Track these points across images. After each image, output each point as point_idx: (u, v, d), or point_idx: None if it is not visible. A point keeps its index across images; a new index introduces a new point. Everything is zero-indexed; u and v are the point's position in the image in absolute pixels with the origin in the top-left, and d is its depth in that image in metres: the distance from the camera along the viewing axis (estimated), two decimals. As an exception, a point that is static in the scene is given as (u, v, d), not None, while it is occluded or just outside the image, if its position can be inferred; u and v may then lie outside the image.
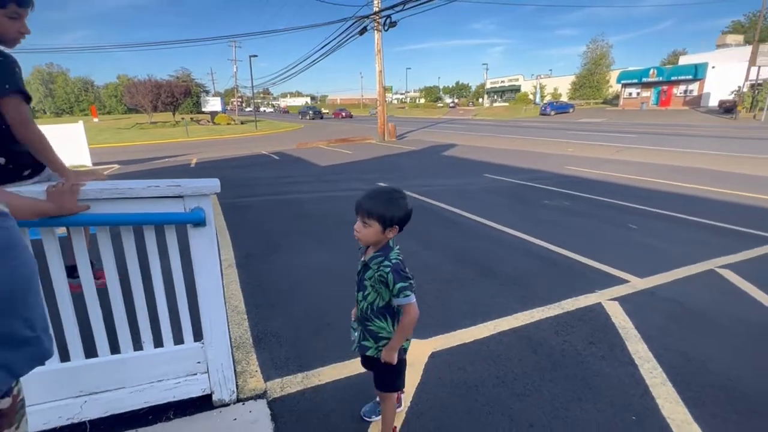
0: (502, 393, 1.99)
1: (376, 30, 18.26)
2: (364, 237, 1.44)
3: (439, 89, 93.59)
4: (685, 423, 1.79)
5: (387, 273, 1.40)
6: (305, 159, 12.77)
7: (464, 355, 2.29)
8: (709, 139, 16.03)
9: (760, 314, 2.78)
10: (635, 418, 1.83)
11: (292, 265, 3.78)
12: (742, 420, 1.83)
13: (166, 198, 1.50)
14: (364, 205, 1.41)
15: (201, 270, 1.64)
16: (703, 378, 2.11)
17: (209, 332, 1.72)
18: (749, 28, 48.65)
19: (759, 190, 6.75)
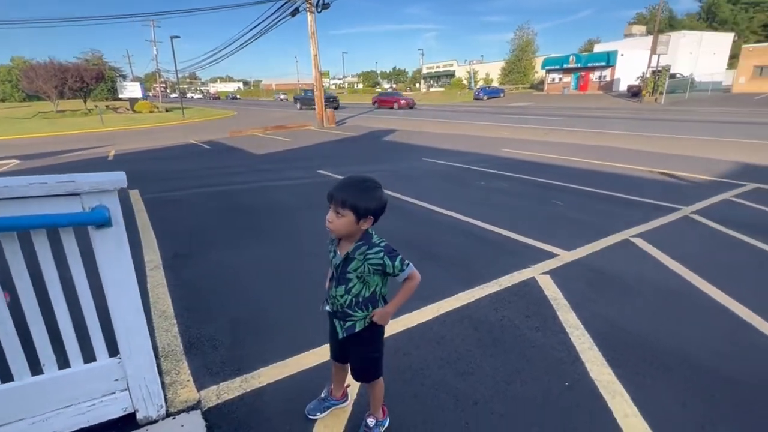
0: (447, 374, 2.02)
1: (309, 11, 17.60)
2: (337, 228, 1.37)
3: (377, 74, 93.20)
4: (611, 383, 1.94)
5: (382, 257, 1.38)
6: (239, 148, 12.08)
7: (409, 340, 2.30)
8: (620, 121, 17.66)
9: (668, 278, 3.11)
10: (568, 384, 1.95)
11: (227, 262, 3.54)
12: (659, 375, 2.02)
13: (58, 197, 1.28)
14: (338, 194, 1.34)
15: (109, 276, 1.44)
16: (624, 340, 2.31)
17: (126, 345, 1.53)
18: (650, 19, 53.94)
19: (662, 166, 7.55)
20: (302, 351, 2.21)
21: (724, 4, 55.87)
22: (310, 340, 2.29)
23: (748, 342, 2.30)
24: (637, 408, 1.78)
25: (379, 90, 73.32)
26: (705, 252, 3.63)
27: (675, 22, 56.92)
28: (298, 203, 5.51)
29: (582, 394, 1.88)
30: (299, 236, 4.19)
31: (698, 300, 2.77)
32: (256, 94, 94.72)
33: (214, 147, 12.66)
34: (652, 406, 1.80)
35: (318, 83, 19.37)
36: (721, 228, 4.22)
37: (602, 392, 1.88)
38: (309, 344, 2.26)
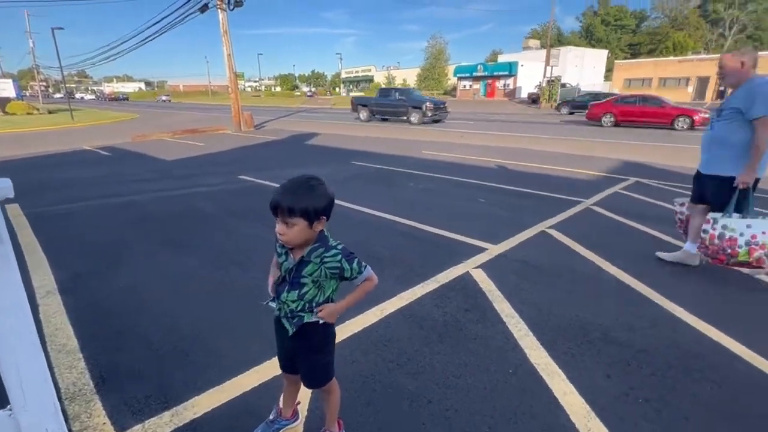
0: (398, 376, 1.99)
1: (220, 8, 16.58)
2: (291, 239, 1.28)
3: (295, 77, 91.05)
4: (548, 365, 2.08)
5: (340, 260, 1.31)
6: (146, 154, 10.90)
7: (356, 346, 2.23)
8: (524, 125, 19.45)
9: (581, 263, 3.45)
10: (512, 370, 2.04)
11: (141, 280, 3.13)
12: (586, 352, 2.21)
13: None
14: (283, 202, 1.23)
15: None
16: (553, 323, 2.49)
17: (19, 392, 1.24)
18: (543, 35, 60.49)
19: (564, 164, 8.45)
20: (241, 371, 2.02)
21: (599, 25, 64.78)
22: (250, 357, 2.11)
23: (650, 314, 2.63)
24: (573, 385, 1.93)
25: (298, 93, 71.74)
26: (607, 238, 4.10)
27: (563, 38, 64.50)
28: (220, 211, 5.11)
29: (524, 378, 1.99)
30: (223, 246, 3.87)
31: (606, 281, 3.12)
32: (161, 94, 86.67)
33: (114, 153, 11.27)
34: (584, 381, 1.96)
35: (233, 84, 18.33)
36: (615, 216, 4.82)
37: (542, 374, 2.01)
38: (249, 362, 2.07)
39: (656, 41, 60.75)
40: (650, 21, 65.63)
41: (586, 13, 68.28)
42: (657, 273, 3.26)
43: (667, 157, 9.56)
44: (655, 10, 64.63)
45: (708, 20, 59.76)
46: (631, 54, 61.71)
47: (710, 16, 59.31)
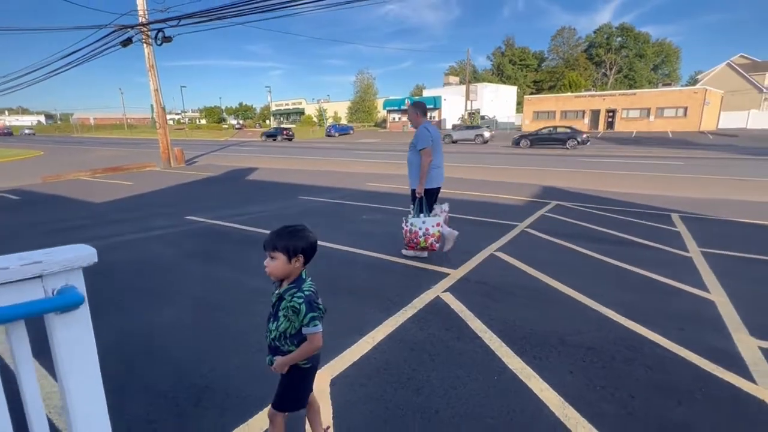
0: (404, 394, 2.24)
1: (146, 43, 16.02)
2: (274, 270, 1.54)
3: (221, 110, 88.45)
4: (524, 368, 2.48)
5: (300, 303, 1.51)
6: (66, 196, 9.98)
7: (360, 372, 2.44)
8: (450, 155, 21.01)
9: (531, 280, 4.00)
10: (496, 377, 2.40)
11: (127, 332, 3.03)
12: (550, 355, 2.65)
13: (20, 282, 1.08)
14: (270, 240, 1.53)
15: (71, 368, 1.24)
16: (519, 333, 2.92)
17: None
18: (460, 72, 66.21)
19: (493, 191, 9.40)
20: (260, 408, 2.12)
21: (507, 64, 72.75)
22: (264, 392, 2.21)
23: (593, 318, 3.19)
24: (546, 383, 2.33)
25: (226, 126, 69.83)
26: (545, 257, 4.76)
27: (477, 75, 71.07)
28: (179, 256, 4.98)
29: (508, 382, 2.35)
30: (197, 292, 3.83)
31: (552, 293, 3.67)
32: (66, 129, 78.68)
33: (25, 197, 10.15)
34: (554, 379, 2.38)
35: (161, 119, 17.55)
36: (547, 237, 5.57)
37: (520, 377, 2.39)
38: (254, 407, 2.18)
39: (555, 79, 69.61)
40: (548, 61, 75.27)
41: (495, 53, 76.39)
42: (591, 284, 3.90)
43: (573, 182, 11.06)
44: (551, 52, 74.41)
45: (593, 62, 70.11)
46: (536, 90, 69.88)
47: (595, 59, 69.67)
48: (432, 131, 4.53)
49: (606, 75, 69.84)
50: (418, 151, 4.47)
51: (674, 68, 70.07)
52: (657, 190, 9.78)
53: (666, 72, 69.82)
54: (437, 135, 4.60)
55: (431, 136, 4.46)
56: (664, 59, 69.12)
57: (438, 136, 4.61)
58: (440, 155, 4.68)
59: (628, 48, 67.10)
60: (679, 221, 6.64)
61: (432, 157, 4.48)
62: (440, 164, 4.68)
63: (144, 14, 16.09)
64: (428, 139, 4.43)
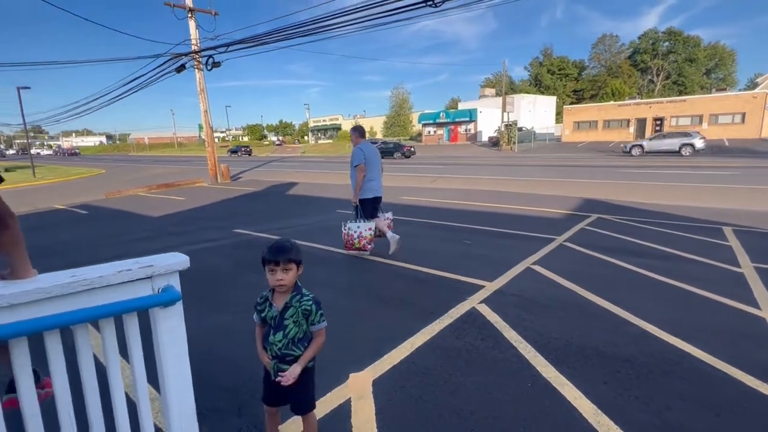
0: (441, 396, 2.40)
1: (198, 69, 17.34)
2: (289, 281, 1.69)
3: (263, 127, 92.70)
4: (558, 377, 2.56)
5: (310, 305, 1.71)
6: (128, 211, 10.94)
7: (400, 375, 2.62)
8: (488, 167, 20.88)
9: (566, 293, 4.03)
10: (530, 384, 2.50)
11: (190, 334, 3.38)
12: (584, 365, 2.71)
13: (135, 281, 1.38)
14: (282, 256, 1.67)
15: (168, 354, 1.52)
16: (554, 345, 2.99)
17: (177, 423, 1.58)
18: (496, 83, 65.75)
19: (531, 204, 9.33)
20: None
21: (546, 74, 71.29)
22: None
23: (631, 332, 3.19)
24: (580, 391, 2.41)
25: (267, 143, 72.98)
26: (583, 270, 4.74)
27: (515, 86, 70.14)
28: (231, 265, 5.39)
29: (541, 389, 2.45)
30: (247, 297, 4.16)
31: (589, 307, 3.69)
32: (123, 149, 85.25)
33: (92, 212, 11.21)
34: (588, 388, 2.45)
35: (209, 138, 18.78)
36: (586, 251, 5.52)
37: (554, 385, 2.47)
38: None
39: (596, 87, 67.38)
40: (589, 69, 73.05)
41: (533, 63, 75.17)
42: (631, 298, 3.87)
43: (617, 194, 10.73)
44: (592, 60, 72.23)
45: (638, 69, 67.32)
46: (576, 99, 67.86)
47: (639, 65, 66.90)
48: (366, 151, 5.31)
49: (653, 81, 66.79)
50: (354, 167, 5.32)
51: (729, 72, 65.77)
52: (709, 202, 9.31)
53: (720, 76, 65.68)
54: (372, 153, 5.40)
55: (365, 155, 5.25)
56: (717, 63, 65.12)
57: (373, 154, 5.42)
58: (376, 170, 5.45)
59: (677, 53, 63.92)
60: (732, 235, 6.34)
61: (366, 172, 5.27)
62: (375, 178, 5.47)
63: (197, 43, 17.46)
64: (361, 157, 5.24)
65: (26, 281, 1.27)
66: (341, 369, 2.66)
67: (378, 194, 5.56)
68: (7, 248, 1.37)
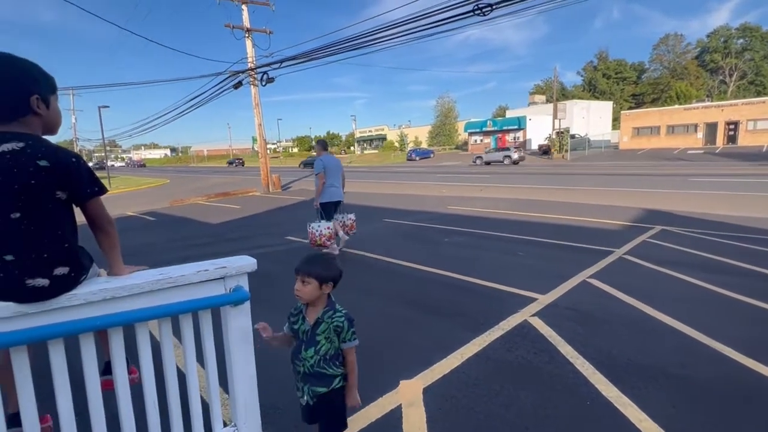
0: (493, 407, 2.35)
1: (253, 85, 18.40)
2: (305, 294, 1.65)
3: (311, 138, 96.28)
4: (619, 397, 2.42)
5: (342, 321, 1.65)
6: (190, 218, 11.78)
7: (450, 384, 2.61)
8: (539, 176, 20.15)
9: (626, 309, 3.80)
10: (589, 402, 2.38)
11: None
12: (650, 385, 2.54)
13: (210, 281, 1.51)
14: (303, 267, 1.66)
15: (237, 349, 1.65)
16: (614, 362, 2.83)
17: (243, 414, 1.69)
18: (546, 89, 63.59)
19: (588, 215, 8.88)
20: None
21: (601, 78, 67.92)
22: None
23: (702, 352, 2.95)
24: (646, 413, 2.26)
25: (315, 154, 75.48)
26: (645, 285, 4.44)
27: (566, 92, 67.51)
28: (285, 270, 5.63)
29: (601, 408, 2.33)
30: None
31: (653, 324, 3.45)
32: (185, 160, 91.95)
33: (159, 219, 12.19)
34: (655, 410, 2.29)
35: (263, 150, 19.79)
36: (648, 264, 5.17)
37: (616, 405, 2.34)
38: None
39: (659, 91, 63.13)
40: (650, 72, 68.64)
41: (587, 68, 71.97)
42: (701, 316, 3.58)
43: (682, 204, 9.93)
44: (654, 62, 67.84)
45: (707, 69, 62.25)
46: (635, 104, 63.91)
47: (709, 66, 61.85)
48: (326, 161, 6.21)
49: (724, 82, 61.44)
50: (315, 175, 6.23)
51: (817, 69, 59.00)
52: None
53: (806, 74, 59.08)
54: (331, 163, 6.30)
55: (324, 165, 6.15)
56: (802, 60, 58.73)
57: (333, 164, 6.31)
58: (335, 178, 6.28)
59: (753, 50, 58.43)
60: (823, 251, 5.66)
61: (326, 179, 6.16)
62: (335, 184, 6.30)
63: (253, 60, 18.58)
64: (321, 167, 6.14)
65: (124, 277, 1.44)
66: (392, 376, 2.69)
67: (336, 198, 6.38)
68: (107, 251, 1.55)
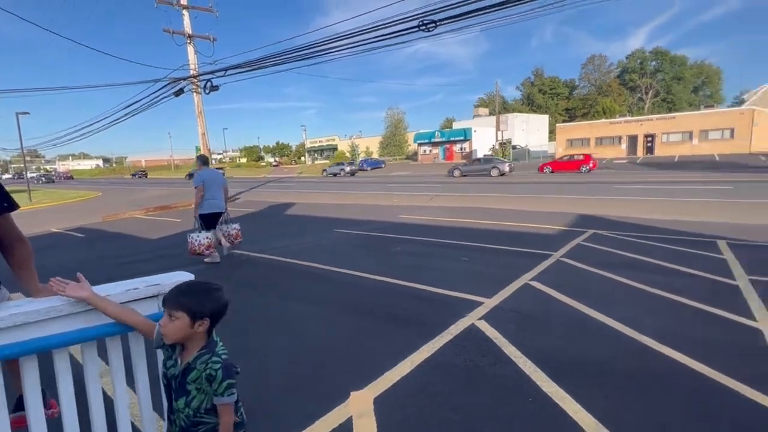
0: (443, 412, 2.39)
1: (196, 92, 17.63)
2: (169, 332, 1.32)
3: (259, 149, 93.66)
4: (558, 392, 2.56)
5: (217, 370, 1.32)
6: (126, 233, 10.94)
7: (401, 392, 2.62)
8: (485, 185, 21.08)
9: (564, 308, 4.05)
10: (531, 399, 2.50)
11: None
12: (586, 380, 2.72)
13: (145, 299, 1.41)
14: (171, 298, 1.34)
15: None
16: (554, 360, 3.00)
17: None
18: (489, 103, 67.03)
19: (528, 221, 9.41)
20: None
21: (537, 93, 72.91)
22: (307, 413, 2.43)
23: (632, 346, 3.21)
24: (581, 405, 2.41)
25: (264, 164, 73.56)
26: (580, 285, 4.77)
27: (507, 106, 71.53)
28: (232, 285, 5.39)
29: (542, 403, 2.45)
30: (250, 315, 4.17)
31: (589, 322, 3.71)
32: (120, 171, 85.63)
33: (90, 235, 11.19)
34: (589, 402, 2.45)
35: (207, 161, 18.91)
36: (582, 266, 5.57)
37: (555, 400, 2.48)
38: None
39: (588, 106, 68.84)
40: (580, 89, 74.78)
41: (525, 83, 76.92)
42: (630, 312, 3.90)
43: (612, 210, 10.85)
44: (583, 80, 74.04)
45: (627, 87, 68.97)
46: (569, 117, 69.20)
47: (629, 84, 68.57)
48: (205, 175, 6.59)
49: (642, 99, 68.33)
50: (195, 188, 6.53)
51: (716, 89, 67.57)
52: (703, 216, 9.43)
53: (708, 93, 67.37)
54: (210, 177, 6.65)
55: (203, 179, 6.50)
56: (704, 81, 66.96)
57: (212, 178, 6.67)
58: (215, 190, 6.62)
59: (664, 71, 65.72)
60: (726, 248, 6.42)
61: (204, 192, 6.48)
62: (214, 197, 6.63)
63: (195, 67, 17.82)
64: (199, 181, 6.48)
65: (38, 300, 1.31)
66: (342, 387, 2.66)
67: (215, 210, 6.70)
68: (18, 270, 1.40)
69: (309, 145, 74.70)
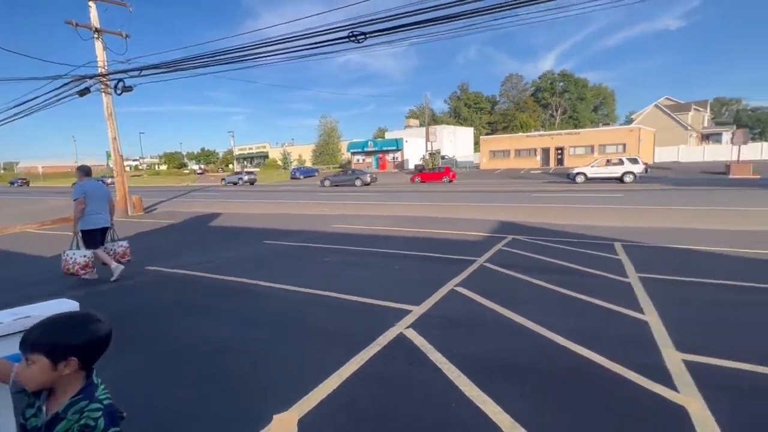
0: (371, 426, 2.37)
1: (105, 93, 15.97)
2: (27, 380, 1.08)
3: (182, 155, 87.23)
4: (479, 395, 2.67)
5: (97, 419, 1.08)
6: (13, 251, 9.46)
7: (328, 411, 2.54)
8: (414, 194, 21.76)
9: (488, 312, 4.27)
10: (454, 404, 2.58)
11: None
12: (506, 381, 2.87)
13: (12, 335, 1.20)
14: (25, 338, 1.09)
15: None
16: (477, 364, 3.14)
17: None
18: (420, 115, 69.68)
19: (454, 228, 9.86)
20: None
21: (463, 107, 77.41)
22: None
23: (543, 345, 3.46)
24: (500, 406, 2.54)
25: (187, 171, 68.74)
26: (501, 289, 5.07)
27: (436, 118, 74.91)
28: (147, 306, 4.88)
29: (464, 407, 2.54)
30: (178, 341, 3.79)
31: (508, 324, 3.94)
32: (5, 179, 74.39)
33: (-35, 253, 9.49)
34: (508, 403, 2.59)
35: (119, 167, 17.18)
36: (504, 270, 5.94)
37: (477, 404, 2.58)
38: None
39: (507, 120, 74.59)
40: (500, 104, 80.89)
41: (452, 97, 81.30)
42: (543, 313, 4.22)
43: (529, 216, 11.80)
44: (502, 96, 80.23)
45: (540, 104, 76.04)
46: (491, 130, 74.37)
47: (542, 101, 75.66)
48: (87, 187, 5.91)
49: (553, 116, 75.70)
50: (74, 201, 5.86)
51: (611, 109, 77.41)
52: (603, 221, 10.61)
53: (605, 112, 76.86)
54: (93, 190, 5.98)
55: (84, 191, 5.84)
56: (602, 101, 76.28)
57: (95, 191, 6.00)
58: (98, 203, 5.99)
59: (570, 92, 73.65)
60: (621, 249, 7.26)
61: (87, 206, 5.85)
62: (98, 211, 6.00)
63: (104, 65, 16.15)
64: (81, 192, 5.82)
65: None
66: (263, 410, 2.52)
67: (100, 225, 6.09)
68: None
69: (238, 152, 71.42)
